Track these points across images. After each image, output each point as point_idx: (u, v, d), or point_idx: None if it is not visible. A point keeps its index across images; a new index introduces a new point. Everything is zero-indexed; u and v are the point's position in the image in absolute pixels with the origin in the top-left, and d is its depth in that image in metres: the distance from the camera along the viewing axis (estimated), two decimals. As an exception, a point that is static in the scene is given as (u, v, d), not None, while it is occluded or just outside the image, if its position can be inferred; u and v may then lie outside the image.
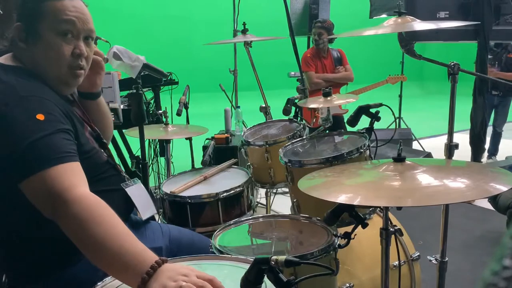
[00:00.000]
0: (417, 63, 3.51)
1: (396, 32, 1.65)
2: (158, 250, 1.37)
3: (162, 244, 1.41)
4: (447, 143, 1.79)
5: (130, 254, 0.95)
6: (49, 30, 1.18)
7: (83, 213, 0.99)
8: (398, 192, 1.09)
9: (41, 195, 1.04)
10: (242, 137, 2.27)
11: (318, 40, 4.12)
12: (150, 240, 1.39)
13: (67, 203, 1.00)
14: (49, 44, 1.19)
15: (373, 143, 1.82)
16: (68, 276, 1.23)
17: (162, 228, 1.49)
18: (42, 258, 1.23)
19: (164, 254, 1.38)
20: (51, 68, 1.21)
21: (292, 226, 1.57)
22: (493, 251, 0.35)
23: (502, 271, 0.33)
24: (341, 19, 6.45)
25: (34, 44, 1.19)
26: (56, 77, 1.23)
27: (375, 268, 1.60)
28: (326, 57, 4.25)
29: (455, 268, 2.10)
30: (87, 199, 1.02)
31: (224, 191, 1.94)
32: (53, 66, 1.21)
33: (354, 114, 1.87)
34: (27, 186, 1.05)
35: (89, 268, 1.23)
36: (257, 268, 0.85)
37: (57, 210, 1.01)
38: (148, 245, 1.34)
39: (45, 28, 1.18)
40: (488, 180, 1.10)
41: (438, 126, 6.61)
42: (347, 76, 4.17)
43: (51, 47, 1.19)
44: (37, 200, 1.05)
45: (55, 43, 1.19)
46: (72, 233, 1.00)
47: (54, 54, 1.20)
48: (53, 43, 1.19)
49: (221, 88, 3.93)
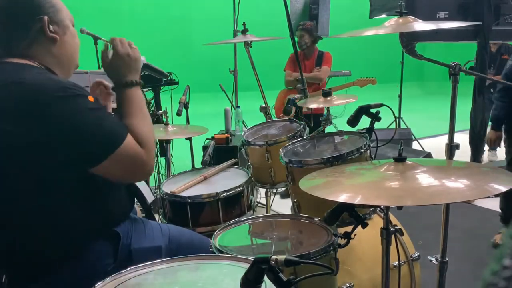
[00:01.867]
0: (417, 63, 3.51)
1: (396, 32, 1.65)
2: (158, 249, 1.37)
3: (162, 243, 1.41)
4: (448, 143, 1.79)
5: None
6: (67, 20, 1.29)
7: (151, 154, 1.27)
8: (398, 192, 1.09)
9: (126, 163, 1.21)
10: (243, 137, 2.27)
11: (301, 42, 4.20)
12: (150, 238, 1.39)
13: (146, 161, 1.24)
14: (72, 32, 1.31)
15: (373, 143, 1.82)
16: (67, 276, 1.24)
17: (161, 228, 1.49)
18: (42, 256, 1.24)
19: (163, 253, 1.38)
20: (76, 55, 1.34)
21: (292, 226, 1.57)
22: (493, 251, 0.35)
23: (502, 271, 0.33)
24: (341, 19, 6.45)
25: (64, 33, 1.28)
26: (76, 63, 1.35)
27: (375, 268, 1.60)
28: (309, 59, 4.30)
29: (455, 268, 2.10)
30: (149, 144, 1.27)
31: (224, 191, 1.94)
32: (77, 52, 1.34)
33: (354, 114, 1.87)
34: (110, 161, 1.18)
35: (88, 267, 1.24)
36: (257, 267, 0.85)
37: (139, 169, 1.24)
38: (148, 244, 1.35)
39: (66, 18, 1.29)
40: (488, 180, 1.10)
41: (438, 126, 6.61)
42: (316, 76, 4.22)
43: (74, 35, 1.32)
44: (121, 168, 1.21)
45: (74, 31, 1.32)
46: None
47: (77, 41, 1.34)
48: (74, 32, 1.32)
49: (221, 88, 3.93)
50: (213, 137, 3.42)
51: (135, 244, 1.34)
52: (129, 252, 1.32)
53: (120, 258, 1.30)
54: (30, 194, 1.18)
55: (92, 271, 1.24)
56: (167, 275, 1.09)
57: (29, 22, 1.22)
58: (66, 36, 1.29)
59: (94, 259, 1.26)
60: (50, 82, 1.17)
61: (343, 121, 2.05)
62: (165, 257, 1.31)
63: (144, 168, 1.26)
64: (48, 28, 1.23)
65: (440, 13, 2.89)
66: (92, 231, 1.27)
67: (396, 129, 5.26)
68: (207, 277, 1.08)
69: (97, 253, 1.28)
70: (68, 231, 1.24)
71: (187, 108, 2.84)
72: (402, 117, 5.79)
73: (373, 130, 1.83)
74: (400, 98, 5.85)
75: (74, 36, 1.33)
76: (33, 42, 1.23)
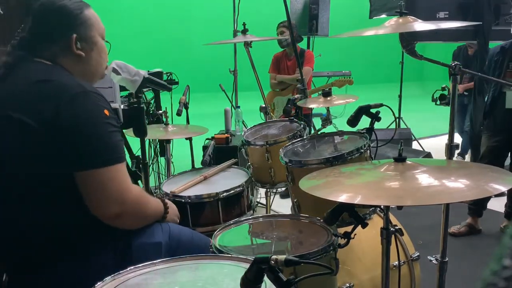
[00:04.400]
0: (417, 63, 3.51)
1: (396, 33, 1.65)
2: (158, 245, 1.37)
3: (162, 239, 1.40)
4: (448, 143, 1.79)
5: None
6: (98, 35, 1.38)
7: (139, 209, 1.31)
8: (398, 192, 1.09)
9: (102, 188, 1.20)
10: (243, 137, 2.27)
11: (281, 39, 4.17)
12: (149, 234, 1.38)
13: (126, 202, 1.23)
14: (102, 47, 1.40)
15: (373, 143, 1.82)
16: (67, 269, 1.25)
17: (162, 225, 1.49)
18: (42, 248, 1.26)
19: (163, 250, 1.38)
20: (102, 67, 1.43)
21: (292, 226, 1.57)
22: (493, 251, 0.35)
23: (502, 271, 0.33)
24: (341, 19, 6.45)
25: (91, 50, 1.36)
26: (101, 74, 1.44)
27: (375, 268, 1.60)
28: (291, 59, 4.28)
29: (455, 268, 2.10)
30: (140, 197, 1.32)
31: (224, 191, 1.94)
32: (104, 65, 1.44)
33: (354, 114, 1.87)
34: (88, 176, 1.19)
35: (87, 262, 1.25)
36: (257, 267, 0.85)
37: (115, 207, 1.22)
38: (147, 240, 1.36)
39: (96, 35, 1.37)
40: (488, 180, 1.10)
41: (438, 126, 6.61)
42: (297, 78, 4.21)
43: (103, 50, 1.41)
44: (93, 191, 1.20)
45: (104, 46, 1.41)
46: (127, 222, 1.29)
47: (104, 55, 1.42)
48: (103, 46, 1.41)
49: (221, 88, 3.93)
50: (213, 137, 3.42)
51: (135, 239, 1.34)
52: (129, 247, 1.32)
53: (119, 253, 1.30)
54: (32, 187, 1.22)
55: (92, 265, 1.25)
56: (167, 275, 1.09)
57: (58, 37, 1.31)
58: (93, 52, 1.36)
59: (93, 253, 1.27)
60: (74, 82, 1.25)
61: (343, 121, 2.05)
62: (165, 253, 1.32)
63: (107, 210, 1.22)
64: (76, 45, 1.32)
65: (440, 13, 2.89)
66: (92, 226, 1.28)
67: (396, 129, 5.25)
68: (207, 277, 1.08)
69: (97, 248, 1.28)
70: (67, 225, 1.25)
71: (187, 108, 2.84)
72: (402, 117, 5.79)
73: (373, 130, 1.83)
74: (400, 98, 5.85)
75: (101, 51, 1.40)
76: (59, 54, 1.32)
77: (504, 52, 3.04)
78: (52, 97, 1.20)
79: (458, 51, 4.90)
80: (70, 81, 1.26)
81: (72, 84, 1.24)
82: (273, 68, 4.38)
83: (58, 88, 1.22)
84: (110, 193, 1.21)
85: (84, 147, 1.19)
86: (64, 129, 1.18)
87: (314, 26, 4.58)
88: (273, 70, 4.38)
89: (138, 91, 1.71)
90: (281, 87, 4.36)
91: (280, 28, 4.20)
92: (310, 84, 4.34)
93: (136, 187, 1.34)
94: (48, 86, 1.23)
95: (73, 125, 1.19)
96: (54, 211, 1.23)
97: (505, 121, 3.07)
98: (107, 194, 1.21)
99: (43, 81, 1.24)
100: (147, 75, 1.71)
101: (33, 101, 1.21)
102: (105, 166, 1.20)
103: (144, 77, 1.69)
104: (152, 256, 1.19)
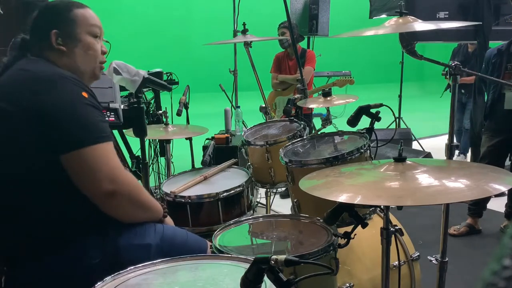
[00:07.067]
0: (417, 63, 3.51)
1: (396, 33, 1.65)
2: (147, 247, 1.35)
3: (152, 241, 1.38)
4: (448, 143, 1.79)
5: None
6: (85, 33, 1.41)
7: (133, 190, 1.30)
8: (398, 192, 1.09)
9: (91, 167, 1.21)
10: (243, 137, 2.27)
11: (282, 40, 4.17)
12: (140, 236, 1.37)
13: (117, 180, 1.23)
14: (87, 44, 1.42)
15: (373, 143, 1.82)
16: (53, 265, 1.25)
17: (155, 226, 1.47)
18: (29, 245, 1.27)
19: (153, 251, 1.35)
20: (90, 64, 1.44)
21: (292, 226, 1.57)
22: (493, 251, 0.35)
23: (502, 271, 0.33)
24: (341, 19, 6.45)
25: (75, 46, 1.39)
26: (90, 71, 1.45)
27: (375, 268, 1.60)
28: (292, 58, 4.28)
29: (455, 268, 2.10)
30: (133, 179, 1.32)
31: (224, 191, 1.94)
32: (91, 62, 1.44)
33: (354, 114, 1.87)
34: (74, 157, 1.21)
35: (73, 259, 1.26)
36: (257, 267, 0.85)
37: (106, 183, 1.21)
38: (137, 241, 1.36)
39: (82, 32, 1.40)
40: (488, 180, 1.10)
41: (438, 126, 6.61)
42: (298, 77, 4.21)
43: (90, 47, 1.42)
44: (82, 172, 1.22)
45: (92, 43, 1.43)
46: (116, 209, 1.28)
47: (92, 52, 1.43)
48: (91, 44, 1.42)
49: (221, 88, 3.93)
50: (213, 137, 3.42)
51: (124, 241, 1.33)
52: (116, 248, 1.31)
53: (107, 253, 1.30)
54: (19, 181, 1.24)
55: (78, 263, 1.26)
56: (167, 275, 1.09)
57: (42, 33, 1.38)
58: (76, 48, 1.40)
59: (81, 251, 1.27)
60: (52, 69, 1.31)
61: (343, 121, 2.05)
62: (154, 256, 1.30)
63: (100, 189, 1.21)
64: (57, 40, 1.37)
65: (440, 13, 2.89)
66: (82, 223, 1.29)
67: (396, 129, 5.26)
68: (207, 277, 1.08)
69: (85, 246, 1.28)
70: (56, 222, 1.26)
71: (187, 108, 2.84)
72: (402, 117, 5.79)
73: (373, 130, 1.83)
74: (400, 98, 5.84)
75: (88, 48, 1.42)
76: (44, 49, 1.38)
77: (501, 54, 3.04)
78: (29, 83, 1.26)
79: (458, 48, 4.90)
80: (48, 68, 1.32)
81: (49, 70, 1.31)
82: (275, 68, 4.38)
83: (35, 75, 1.28)
84: (99, 171, 1.22)
85: (66, 128, 1.22)
86: (44, 113, 1.22)
87: (314, 26, 4.58)
88: (274, 70, 4.38)
89: (138, 91, 1.71)
90: (283, 87, 4.36)
91: (281, 29, 4.19)
92: (312, 84, 4.34)
93: (129, 173, 1.35)
94: (27, 74, 1.29)
95: (52, 108, 1.23)
96: (41, 204, 1.25)
97: (505, 122, 3.07)
98: (97, 171, 1.22)
99: (23, 70, 1.31)
100: (147, 75, 1.71)
101: (12, 88, 1.28)
102: (89, 145, 1.21)
103: (144, 77, 1.69)
104: (141, 258, 1.18)
